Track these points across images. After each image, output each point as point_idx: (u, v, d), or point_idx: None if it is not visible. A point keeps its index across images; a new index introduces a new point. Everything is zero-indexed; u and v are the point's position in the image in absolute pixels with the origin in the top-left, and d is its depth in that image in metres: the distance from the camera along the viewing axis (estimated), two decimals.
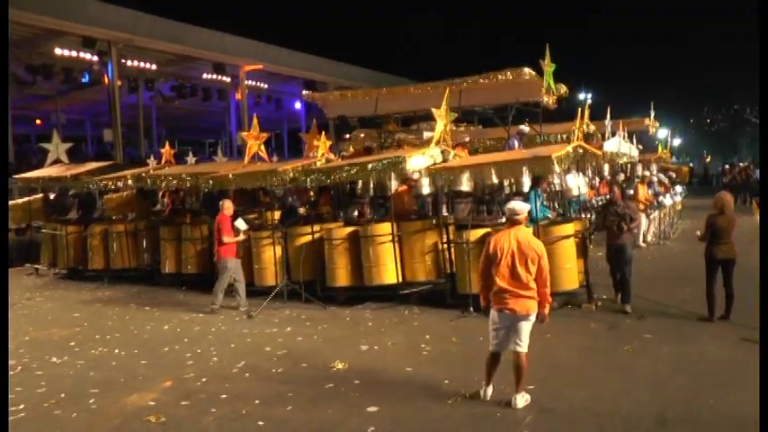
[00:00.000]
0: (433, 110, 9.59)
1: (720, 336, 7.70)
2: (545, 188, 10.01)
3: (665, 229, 16.64)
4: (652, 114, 21.82)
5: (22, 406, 6.05)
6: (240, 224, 10.05)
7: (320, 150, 10.68)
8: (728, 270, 8.21)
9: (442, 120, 9.61)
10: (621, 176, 19.79)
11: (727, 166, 29.20)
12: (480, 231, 9.01)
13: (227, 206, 10.06)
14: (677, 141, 75.65)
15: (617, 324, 8.33)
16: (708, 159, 79.77)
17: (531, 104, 11.89)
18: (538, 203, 9.30)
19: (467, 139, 12.87)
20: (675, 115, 74.42)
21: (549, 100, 11.31)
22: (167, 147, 13.87)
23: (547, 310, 5.66)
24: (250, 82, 32.93)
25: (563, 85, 12.10)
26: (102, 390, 6.48)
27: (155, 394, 6.36)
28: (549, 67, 11.13)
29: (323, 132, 10.96)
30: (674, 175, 21.94)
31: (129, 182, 12.52)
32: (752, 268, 11.86)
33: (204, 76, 31.10)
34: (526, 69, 10.40)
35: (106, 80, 25.30)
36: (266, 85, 34.83)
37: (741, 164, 31.42)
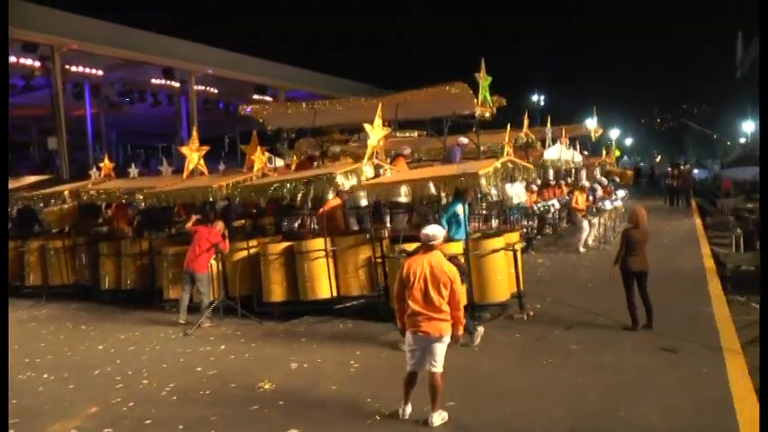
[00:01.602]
0: (366, 125, 9.70)
1: (642, 345, 7.94)
2: (468, 199, 10.15)
3: (605, 233, 17.03)
4: (595, 120, 22.39)
5: None
6: None
7: (256, 165, 10.71)
8: (642, 282, 8.52)
9: (374, 134, 9.71)
10: (567, 180, 20.28)
11: (670, 170, 30.00)
12: (413, 245, 9.14)
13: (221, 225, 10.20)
14: (629, 141, 77.78)
15: (545, 335, 8.53)
16: (658, 158, 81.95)
17: (468, 116, 12.06)
18: (462, 214, 9.41)
19: (407, 151, 13.01)
20: (628, 115, 76.52)
21: (484, 112, 11.48)
22: (106, 161, 13.69)
23: (460, 332, 5.80)
24: (200, 87, 32.63)
25: (500, 98, 12.31)
26: (24, 419, 6.42)
27: (78, 422, 6.32)
28: (484, 80, 11.33)
29: (259, 147, 10.97)
30: (617, 180, 22.50)
31: (67, 197, 12.35)
32: (680, 271, 12.35)
33: (153, 81, 30.78)
34: (459, 84, 10.56)
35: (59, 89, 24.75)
36: (216, 90, 34.61)
37: (683, 166, 32.31)
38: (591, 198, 16.25)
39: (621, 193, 20.21)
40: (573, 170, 20.76)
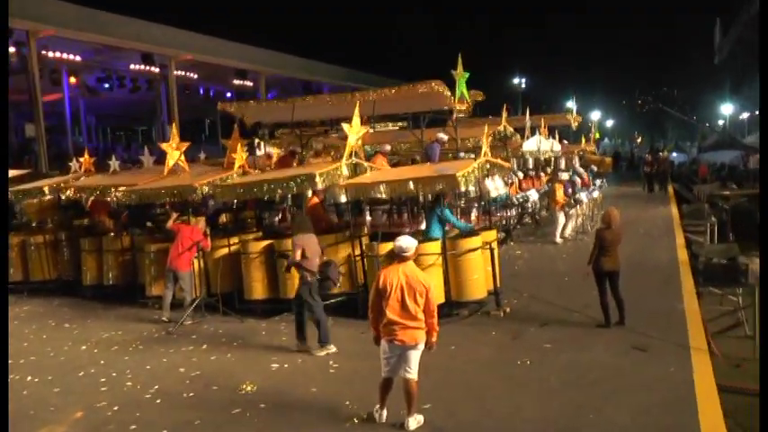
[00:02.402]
0: (344, 125, 9.81)
1: (614, 343, 8.17)
2: (450, 200, 10.34)
3: (583, 223, 17.28)
4: (574, 109, 22.64)
5: None
6: None
7: (236, 163, 10.79)
8: (614, 281, 8.77)
9: (352, 133, 9.81)
10: (547, 171, 20.52)
11: (648, 157, 30.36)
12: (389, 245, 9.34)
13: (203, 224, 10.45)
14: (610, 123, 78.43)
15: (521, 333, 8.74)
16: (639, 140, 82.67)
17: (445, 112, 12.21)
18: (451, 216, 9.66)
19: (387, 148, 13.12)
20: (609, 97, 77.11)
21: (461, 108, 11.63)
22: (86, 156, 13.68)
23: (434, 339, 6.00)
24: (180, 72, 32.41)
25: (478, 92, 12.46)
26: (10, 424, 6.51)
27: (64, 427, 6.45)
28: (461, 76, 11.46)
29: (239, 145, 11.03)
30: (596, 169, 22.79)
31: (47, 193, 12.39)
32: (655, 263, 12.64)
33: (132, 66, 30.55)
34: (435, 83, 10.68)
35: (36, 76, 24.49)
36: (196, 75, 34.44)
37: (661, 152, 32.73)
38: (570, 190, 16.43)
39: (599, 182, 20.51)
40: (552, 159, 21.01)
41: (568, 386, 6.90)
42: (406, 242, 6.00)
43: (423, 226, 10.92)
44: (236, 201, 14.11)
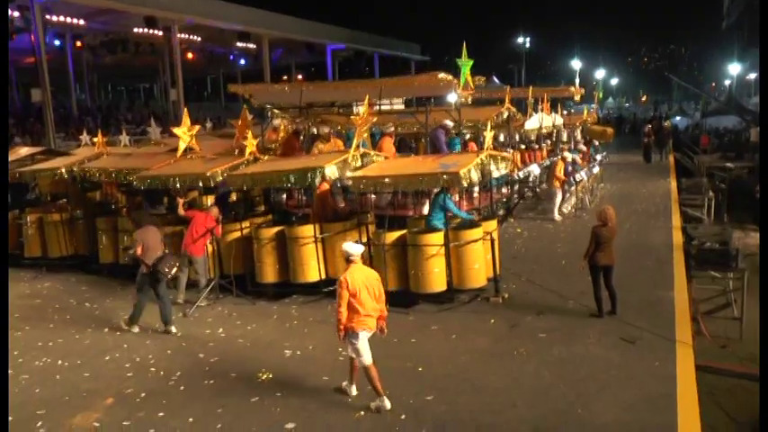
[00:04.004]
0: (352, 117, 10.20)
1: (605, 334, 8.65)
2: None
3: (582, 198, 17.68)
4: (577, 82, 22.83)
5: None
6: None
7: (248, 149, 11.18)
8: (608, 275, 9.27)
9: (360, 126, 10.20)
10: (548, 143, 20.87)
11: (648, 127, 30.50)
12: (395, 234, 9.87)
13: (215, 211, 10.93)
14: (615, 81, 78.01)
15: (518, 322, 9.25)
16: (644, 99, 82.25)
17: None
18: (453, 206, 10.16)
19: (391, 129, 13.47)
20: (615, 55, 76.52)
21: (465, 95, 11.94)
22: (100, 136, 14.06)
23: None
24: (183, 35, 32.47)
25: (481, 78, 12.76)
26: (49, 410, 7.04)
27: (98, 414, 6.96)
28: (465, 65, 11.75)
29: (250, 132, 11.40)
30: (597, 144, 23.11)
31: (63, 174, 12.82)
32: (649, 247, 13.10)
33: (136, 30, 30.63)
34: (441, 75, 10.99)
35: (41, 41, 24.63)
36: (199, 38, 34.48)
37: (665, 124, 32.88)
38: (570, 168, 16.78)
39: (599, 157, 20.86)
40: (554, 132, 21.31)
41: (561, 380, 7.35)
42: (353, 248, 6.95)
43: (425, 210, 11.36)
44: None
